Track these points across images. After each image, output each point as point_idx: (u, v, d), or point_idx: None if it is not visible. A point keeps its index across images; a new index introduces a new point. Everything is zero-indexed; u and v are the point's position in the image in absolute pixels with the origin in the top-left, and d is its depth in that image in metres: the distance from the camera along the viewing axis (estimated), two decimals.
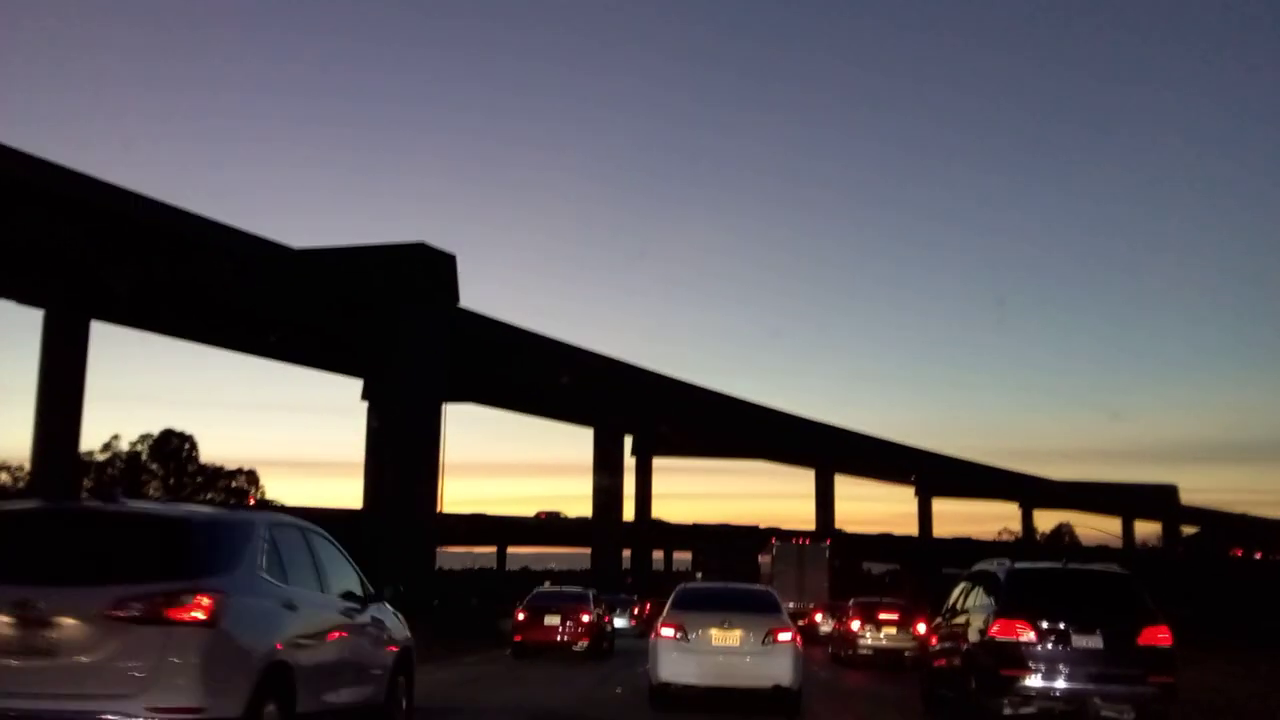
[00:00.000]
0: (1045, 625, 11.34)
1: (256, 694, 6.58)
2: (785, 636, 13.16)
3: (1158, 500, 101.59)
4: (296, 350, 49.79)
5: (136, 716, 6.08)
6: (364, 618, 8.75)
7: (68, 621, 6.18)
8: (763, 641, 13.06)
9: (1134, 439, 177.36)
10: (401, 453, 41.96)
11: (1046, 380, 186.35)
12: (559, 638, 24.05)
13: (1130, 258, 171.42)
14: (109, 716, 6.09)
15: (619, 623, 32.49)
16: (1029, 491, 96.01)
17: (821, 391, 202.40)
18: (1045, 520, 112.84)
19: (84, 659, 6.14)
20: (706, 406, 68.05)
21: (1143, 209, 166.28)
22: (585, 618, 24.61)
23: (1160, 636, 11.35)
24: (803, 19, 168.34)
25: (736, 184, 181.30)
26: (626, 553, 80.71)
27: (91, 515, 6.95)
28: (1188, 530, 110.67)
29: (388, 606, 9.55)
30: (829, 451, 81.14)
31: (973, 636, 12.18)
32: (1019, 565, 12.45)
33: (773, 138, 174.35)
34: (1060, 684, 11.19)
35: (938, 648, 14.02)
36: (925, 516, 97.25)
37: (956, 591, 13.83)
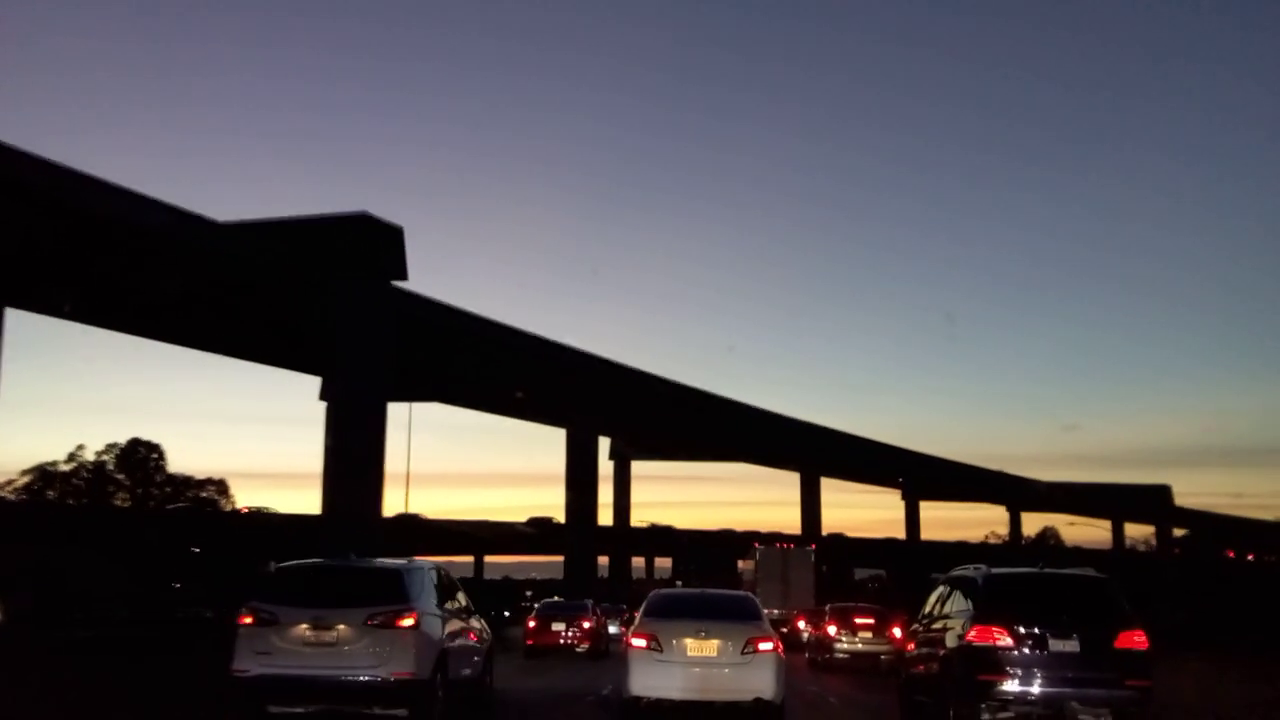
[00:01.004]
0: (1022, 630, 11.56)
1: (435, 666, 11.92)
2: (766, 646, 12.80)
3: (1151, 501, 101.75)
4: (245, 345, 47.12)
5: (381, 677, 11.27)
6: (472, 624, 14.34)
7: (342, 627, 11.43)
8: (742, 651, 12.66)
9: (1123, 444, 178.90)
10: (344, 446, 39.24)
11: (1034, 386, 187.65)
12: (563, 641, 29.27)
13: (1119, 262, 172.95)
14: (365, 677, 11.30)
15: (612, 629, 35.64)
16: (1017, 493, 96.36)
17: (800, 401, 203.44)
18: (1035, 523, 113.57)
19: (351, 647, 11.36)
20: (687, 405, 66.93)
21: (1134, 214, 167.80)
22: (586, 624, 29.84)
23: (1137, 640, 11.58)
24: (766, 35, 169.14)
25: (702, 192, 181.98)
26: (604, 560, 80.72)
27: (347, 567, 12.71)
28: (1179, 533, 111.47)
29: (480, 617, 15.13)
30: (814, 453, 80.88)
31: (950, 642, 12.39)
32: (995, 570, 12.65)
33: (745, 145, 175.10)
34: (1037, 688, 11.40)
35: (915, 653, 14.23)
36: (913, 520, 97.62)
37: (934, 597, 14.03)
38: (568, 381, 56.63)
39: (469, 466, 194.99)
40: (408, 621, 11.52)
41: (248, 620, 11.56)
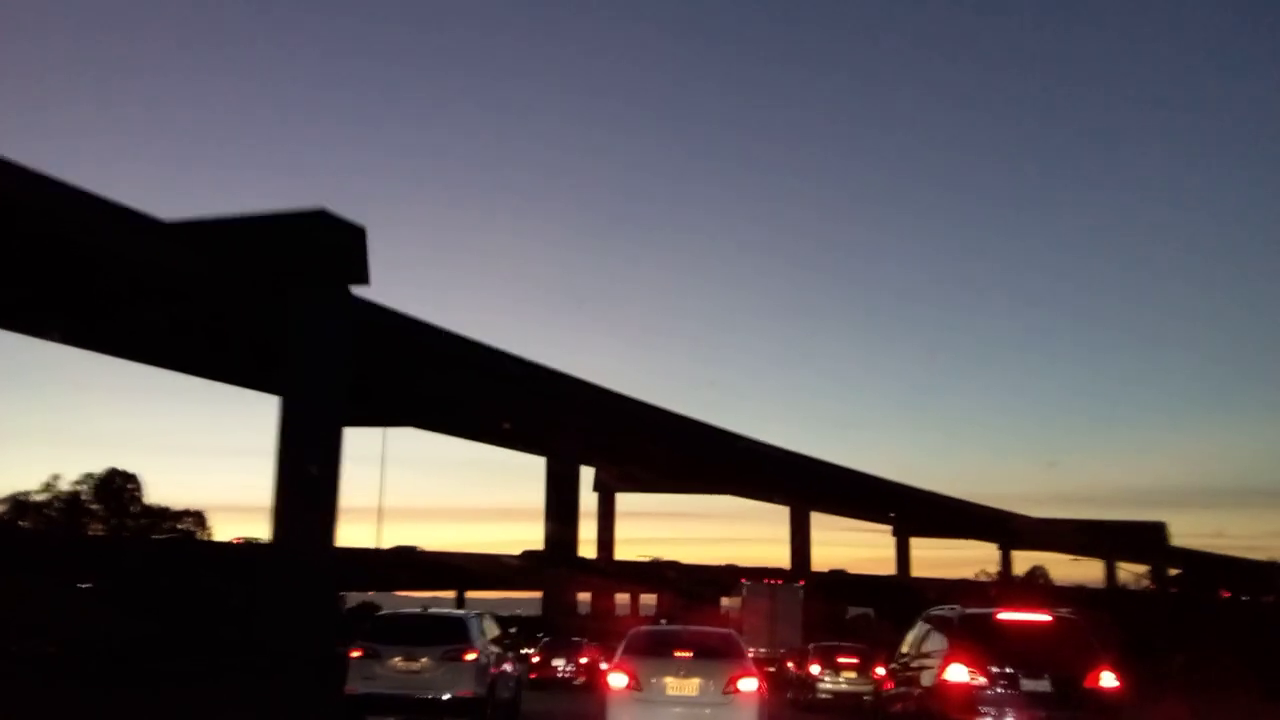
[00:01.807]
0: (995, 670, 12.08)
1: (488, 689, 16.30)
2: (748, 685, 12.76)
3: (1145, 538, 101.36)
4: (192, 358, 44.05)
5: (452, 695, 15.61)
6: (508, 657, 18.67)
7: (425, 659, 15.83)
8: (724, 690, 12.63)
9: (1112, 483, 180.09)
10: (295, 472, 36.24)
11: (1024, 426, 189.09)
12: (561, 674, 33.90)
13: (1112, 303, 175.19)
14: (441, 695, 15.65)
15: (605, 665, 37.54)
16: (1008, 530, 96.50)
17: (787, 438, 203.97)
18: (1024, 563, 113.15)
19: (431, 674, 15.80)
20: (673, 434, 65.68)
21: (1128, 255, 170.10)
22: (583, 659, 34.34)
23: (1106, 679, 12.10)
24: (755, 71, 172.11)
25: (689, 226, 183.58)
26: (586, 596, 79.87)
27: (428, 616, 17.99)
28: (1172, 572, 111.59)
29: (514, 652, 20.29)
30: (804, 485, 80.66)
31: (926, 681, 12.92)
32: (970, 610, 13.22)
33: (732, 182, 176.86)
34: None
35: (893, 692, 14.76)
36: (903, 557, 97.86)
37: (911, 636, 14.55)
38: (548, 406, 55.08)
39: (459, 501, 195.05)
40: (470, 656, 16.19)
41: (357, 654, 16.22)
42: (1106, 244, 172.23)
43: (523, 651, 34.75)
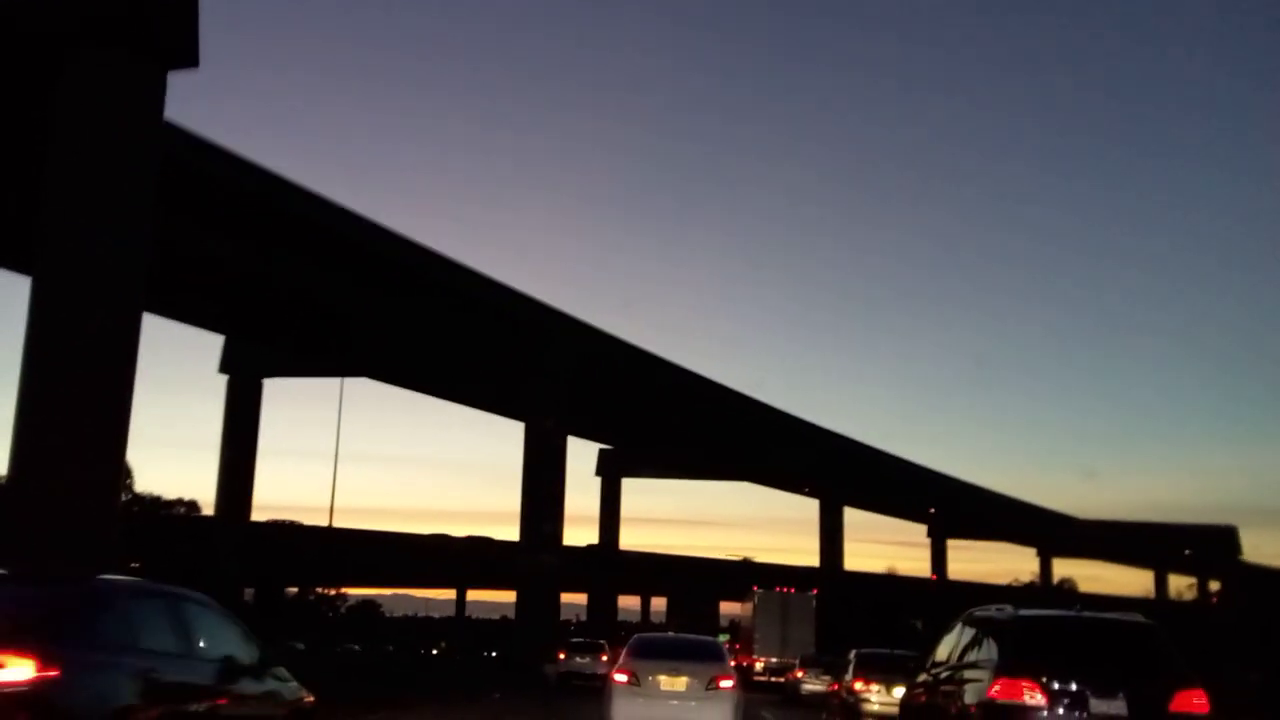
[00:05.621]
0: (1058, 686, 10.54)
1: (604, 667, 37.42)
2: (727, 684, 16.42)
3: (1214, 543, 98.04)
4: None
5: (599, 673, 34.81)
6: (604, 649, 42.44)
7: (589, 658, 40.44)
8: (706, 688, 16.24)
9: (1173, 499, 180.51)
10: (51, 378, 24.85)
11: (1084, 435, 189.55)
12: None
13: (1178, 315, 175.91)
14: (597, 671, 36.77)
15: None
16: (1053, 531, 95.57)
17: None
18: (1061, 572, 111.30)
19: (593, 662, 39.68)
20: (682, 394, 59.30)
21: (1196, 265, 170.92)
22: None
23: (1196, 702, 10.53)
24: (782, 52, 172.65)
25: (732, 227, 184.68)
26: (581, 599, 78.34)
27: (589, 642, 44.46)
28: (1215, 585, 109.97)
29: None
30: (836, 470, 78.35)
31: (968, 698, 11.31)
32: (1025, 611, 11.66)
33: (772, 179, 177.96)
34: None
35: (922, 708, 13.21)
36: (939, 560, 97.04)
37: (946, 642, 12.98)
38: (524, 346, 48.02)
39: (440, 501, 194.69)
40: (604, 656, 38.22)
41: (563, 655, 41.14)
42: (1173, 256, 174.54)
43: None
